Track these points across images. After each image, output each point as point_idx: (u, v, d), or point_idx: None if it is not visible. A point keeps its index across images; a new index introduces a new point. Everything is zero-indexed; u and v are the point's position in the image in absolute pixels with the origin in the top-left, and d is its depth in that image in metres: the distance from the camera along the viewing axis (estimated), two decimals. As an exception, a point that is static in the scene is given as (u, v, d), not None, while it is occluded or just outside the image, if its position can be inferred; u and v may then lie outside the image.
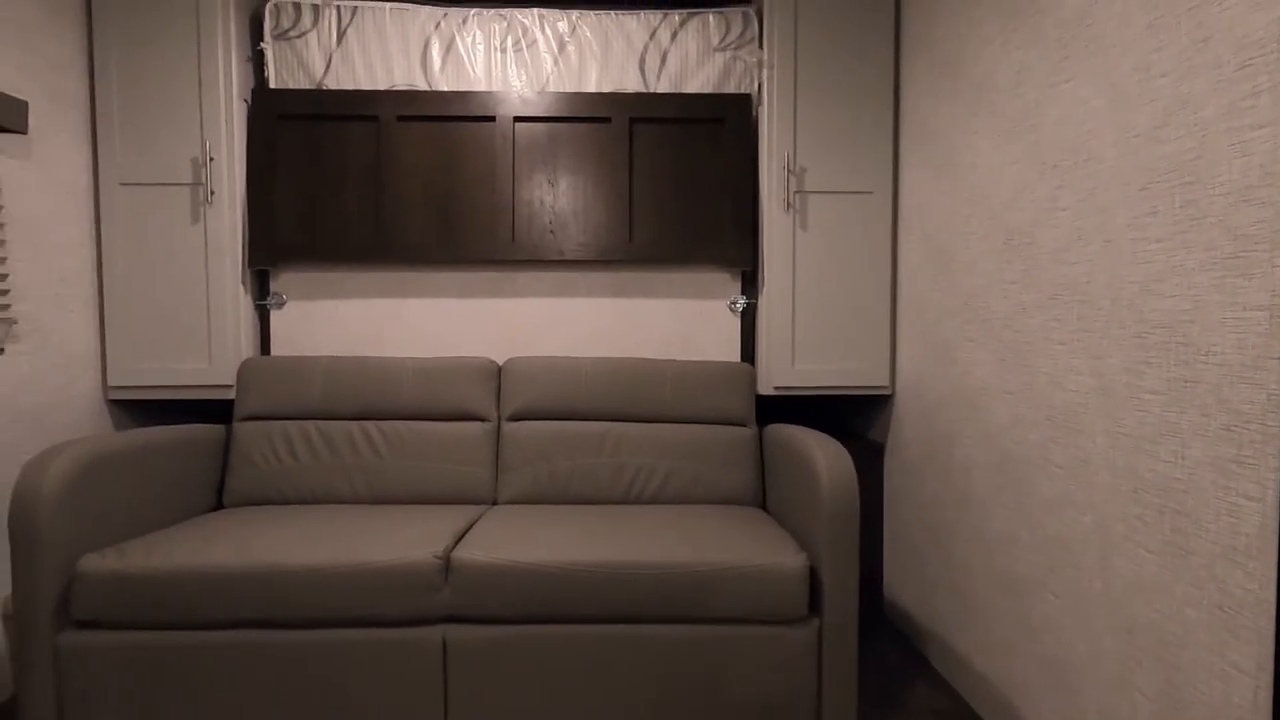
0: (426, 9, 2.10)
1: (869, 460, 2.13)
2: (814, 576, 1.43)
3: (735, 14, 2.13)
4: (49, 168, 1.82)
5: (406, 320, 2.13)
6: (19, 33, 1.74)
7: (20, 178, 1.73)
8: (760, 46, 2.10)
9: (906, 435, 2.00)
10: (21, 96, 1.72)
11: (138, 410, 2.08)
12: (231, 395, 1.99)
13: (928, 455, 1.87)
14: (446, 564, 1.40)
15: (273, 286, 2.11)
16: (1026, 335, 1.43)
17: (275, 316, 2.11)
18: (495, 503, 1.91)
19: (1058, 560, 1.32)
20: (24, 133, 1.69)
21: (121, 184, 1.95)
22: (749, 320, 2.18)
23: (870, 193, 2.04)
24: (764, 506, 1.92)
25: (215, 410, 2.10)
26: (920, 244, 1.91)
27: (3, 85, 1.68)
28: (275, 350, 2.11)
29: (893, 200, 2.05)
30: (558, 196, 2.10)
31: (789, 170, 2.01)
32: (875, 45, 2.02)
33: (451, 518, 1.63)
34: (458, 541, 1.50)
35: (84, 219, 1.93)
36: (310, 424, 1.92)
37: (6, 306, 1.65)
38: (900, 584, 2.05)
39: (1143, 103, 1.11)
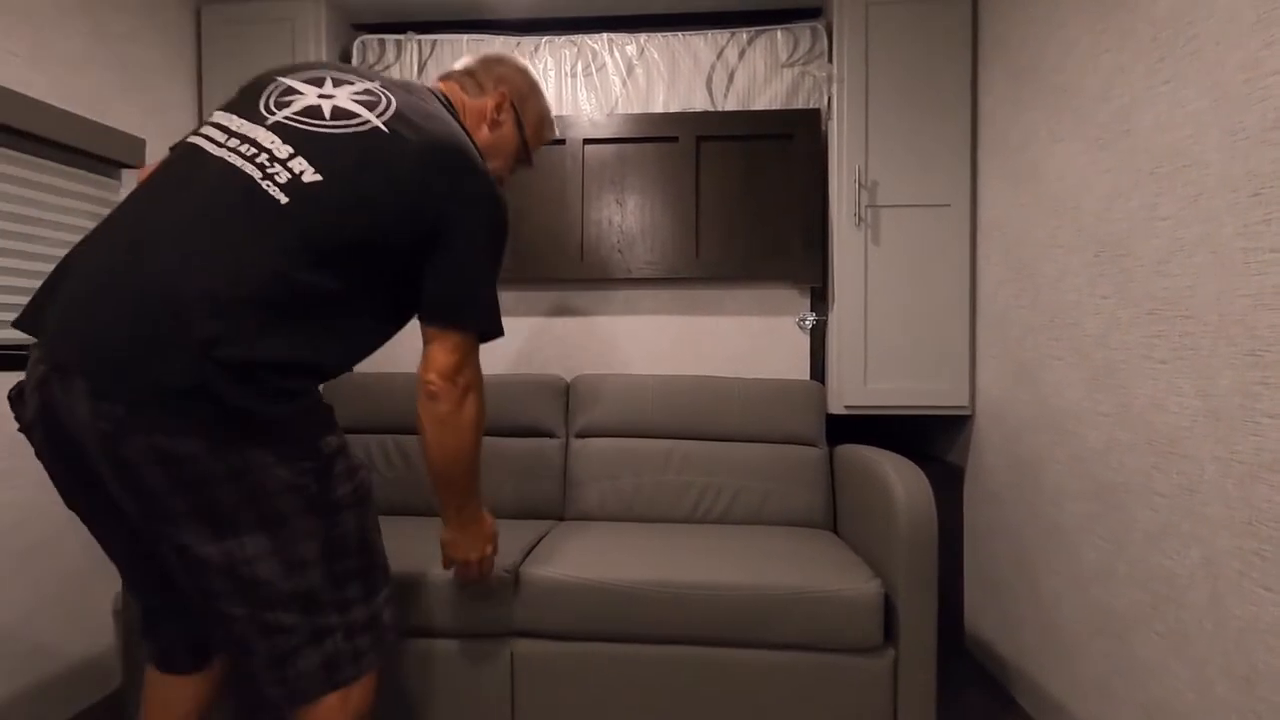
0: (501, 38, 2.19)
1: (947, 484, 2.04)
2: (889, 605, 1.37)
3: (804, 29, 2.11)
4: (163, 199, 1.98)
5: (479, 338, 2.19)
6: (141, 77, 1.92)
7: (138, 209, 1.89)
8: (829, 60, 2.07)
9: (988, 459, 1.90)
10: (141, 135, 1.88)
11: (234, 423, 2.22)
12: (317, 409, 2.10)
13: (1012, 481, 1.77)
14: (516, 578, 1.42)
15: (356, 306, 2.22)
16: (1122, 354, 1.33)
17: (358, 335, 2.22)
18: (563, 518, 1.93)
19: (1161, 597, 1.22)
20: (142, 168, 1.85)
21: (224, 212, 2.10)
22: (818, 337, 2.14)
23: (947, 205, 1.96)
24: (835, 530, 1.86)
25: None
26: (1001, 258, 1.82)
27: (126, 125, 1.86)
28: (357, 367, 2.21)
29: (971, 213, 1.97)
30: (625, 216, 2.12)
31: (860, 184, 1.97)
32: (951, 53, 1.95)
33: (521, 532, 1.66)
34: (526, 556, 1.52)
35: (191, 245, 2.09)
36: (389, 438, 2.00)
37: (124, 326, 1.80)
38: (983, 616, 1.94)
39: (1252, 102, 1.03)
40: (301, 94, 0.99)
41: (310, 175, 0.90)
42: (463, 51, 2.18)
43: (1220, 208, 1.09)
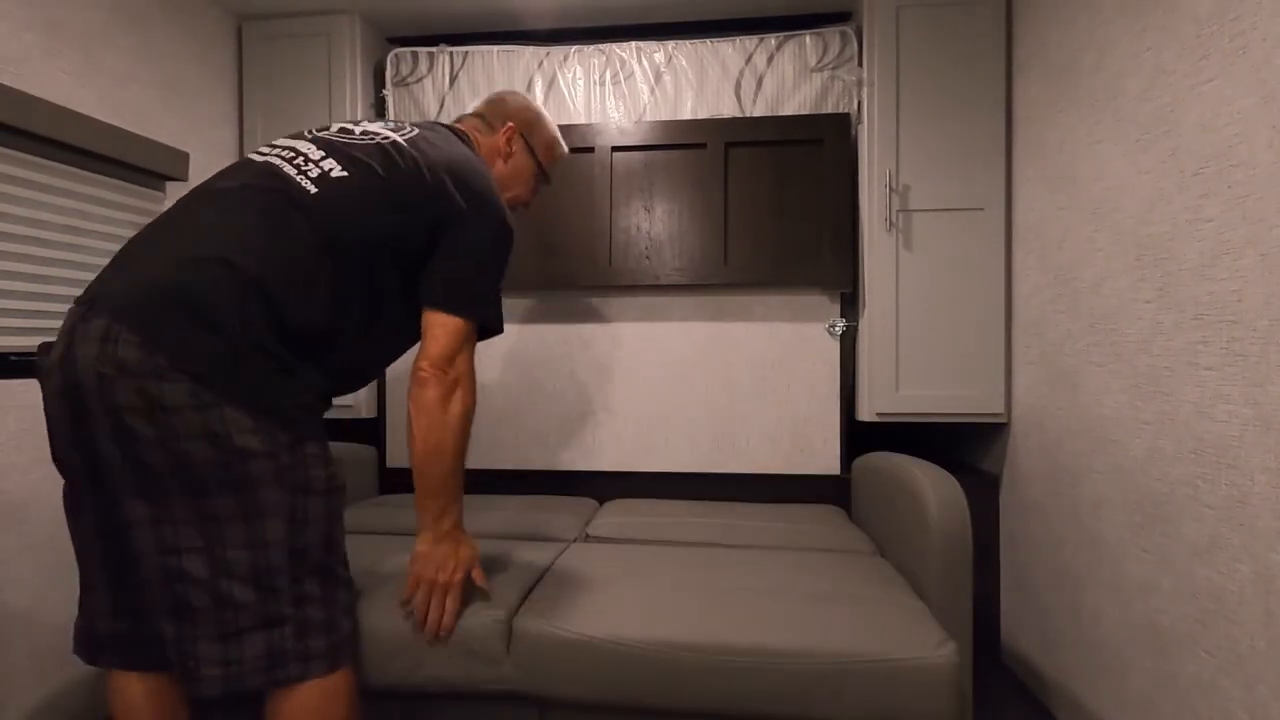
0: (530, 49, 2.21)
1: (982, 493, 1.99)
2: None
3: (833, 33, 2.10)
4: (204, 210, 2.04)
5: (506, 344, 2.21)
6: (184, 92, 1.98)
7: (181, 219, 1.95)
8: (859, 64, 2.05)
9: (1025, 468, 1.86)
10: (184, 148, 1.94)
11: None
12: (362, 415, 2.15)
13: (1051, 490, 1.72)
14: (508, 630, 1.20)
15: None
16: (1166, 360, 1.29)
17: (390, 341, 2.26)
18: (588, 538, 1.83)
19: (1209, 613, 1.18)
20: (185, 180, 1.91)
21: (262, 222, 2.16)
22: (849, 344, 2.11)
23: (981, 209, 1.93)
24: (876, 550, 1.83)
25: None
26: (1038, 262, 1.78)
27: (169, 138, 1.92)
28: (391, 377, 2.25)
29: (1006, 217, 1.93)
30: (653, 222, 2.12)
31: (891, 189, 1.94)
32: (984, 55, 1.92)
33: (533, 555, 1.50)
34: (524, 599, 1.29)
35: (231, 254, 2.15)
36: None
37: (166, 333, 1.85)
38: (1019, 629, 1.89)
39: (1303, 101, 0.99)
40: (339, 125, 1.19)
41: (338, 171, 1.06)
42: (493, 63, 2.21)
43: (1270, 210, 1.05)
